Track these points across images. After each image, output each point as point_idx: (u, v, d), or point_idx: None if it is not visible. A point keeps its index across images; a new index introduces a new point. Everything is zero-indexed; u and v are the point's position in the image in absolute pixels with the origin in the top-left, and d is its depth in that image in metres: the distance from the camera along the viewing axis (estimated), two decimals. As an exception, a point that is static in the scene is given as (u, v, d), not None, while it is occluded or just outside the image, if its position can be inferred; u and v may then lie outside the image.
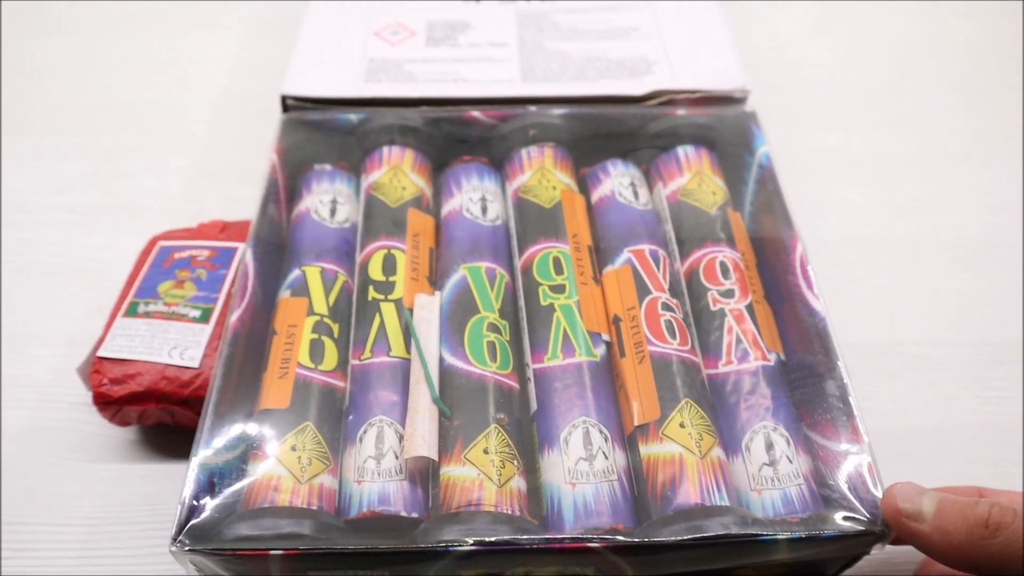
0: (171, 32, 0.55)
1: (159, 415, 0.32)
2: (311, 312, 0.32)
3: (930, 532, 0.24)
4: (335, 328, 0.32)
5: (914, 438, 0.34)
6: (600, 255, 0.34)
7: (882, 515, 0.25)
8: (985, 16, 0.55)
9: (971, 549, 0.24)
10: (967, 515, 0.24)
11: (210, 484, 0.27)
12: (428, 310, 0.32)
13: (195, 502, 0.26)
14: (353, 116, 0.38)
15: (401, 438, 0.29)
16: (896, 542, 0.26)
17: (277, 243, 0.35)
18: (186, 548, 0.25)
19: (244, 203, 0.42)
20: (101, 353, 0.32)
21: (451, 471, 0.28)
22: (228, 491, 0.27)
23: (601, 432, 0.28)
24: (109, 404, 0.31)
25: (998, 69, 0.51)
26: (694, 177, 0.36)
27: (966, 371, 0.37)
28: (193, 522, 0.25)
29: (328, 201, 0.36)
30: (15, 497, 0.32)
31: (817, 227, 0.42)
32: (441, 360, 0.30)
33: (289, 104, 0.39)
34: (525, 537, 0.25)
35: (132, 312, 0.33)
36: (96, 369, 0.32)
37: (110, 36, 0.55)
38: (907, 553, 0.30)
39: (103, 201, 0.44)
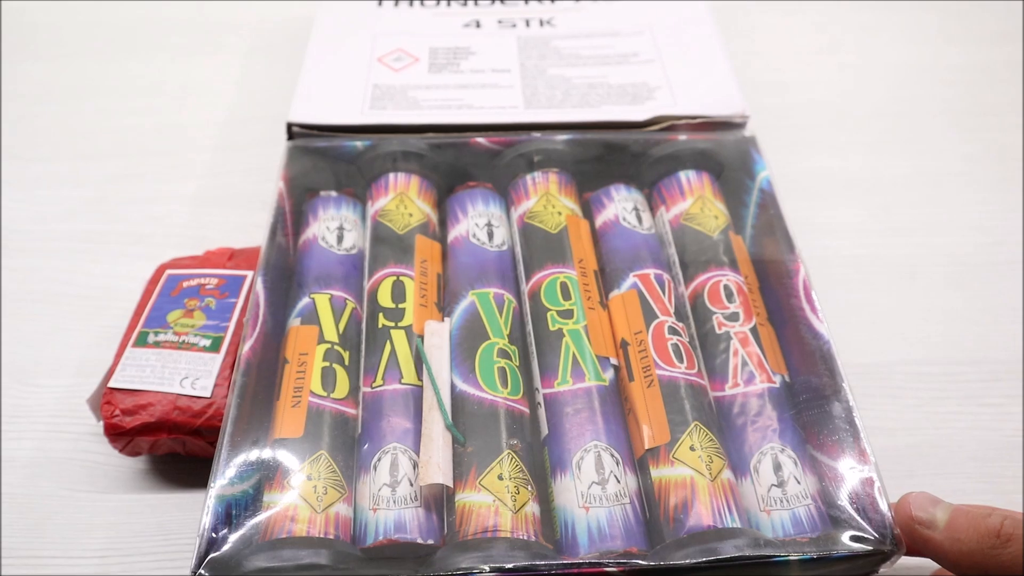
0: (175, 57, 0.56)
1: (170, 445, 0.32)
2: (322, 340, 0.32)
3: (941, 540, 0.25)
4: (346, 356, 0.32)
5: (914, 455, 0.35)
6: (605, 279, 0.35)
7: (894, 524, 0.26)
8: (978, 42, 0.56)
9: (981, 558, 0.24)
10: (979, 525, 0.24)
11: (227, 515, 0.27)
12: (439, 336, 0.32)
13: (214, 534, 0.26)
14: (358, 143, 0.39)
15: (415, 465, 0.29)
16: (908, 553, 0.26)
17: (285, 270, 0.35)
18: (206, 580, 0.25)
19: (249, 229, 0.43)
20: (112, 384, 0.32)
21: (466, 497, 0.28)
22: (246, 522, 0.27)
23: (613, 456, 0.29)
24: (121, 435, 0.31)
25: (990, 93, 0.52)
26: (696, 201, 0.37)
27: (963, 389, 0.37)
28: (213, 555, 0.25)
29: (335, 228, 0.37)
30: (25, 530, 0.32)
31: (816, 248, 0.42)
32: (453, 386, 0.31)
33: (295, 131, 0.40)
34: (543, 563, 0.25)
35: (142, 342, 0.33)
36: (107, 400, 0.32)
37: (114, 61, 0.55)
38: (916, 570, 0.30)
39: (108, 228, 0.44)
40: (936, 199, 0.46)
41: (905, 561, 0.27)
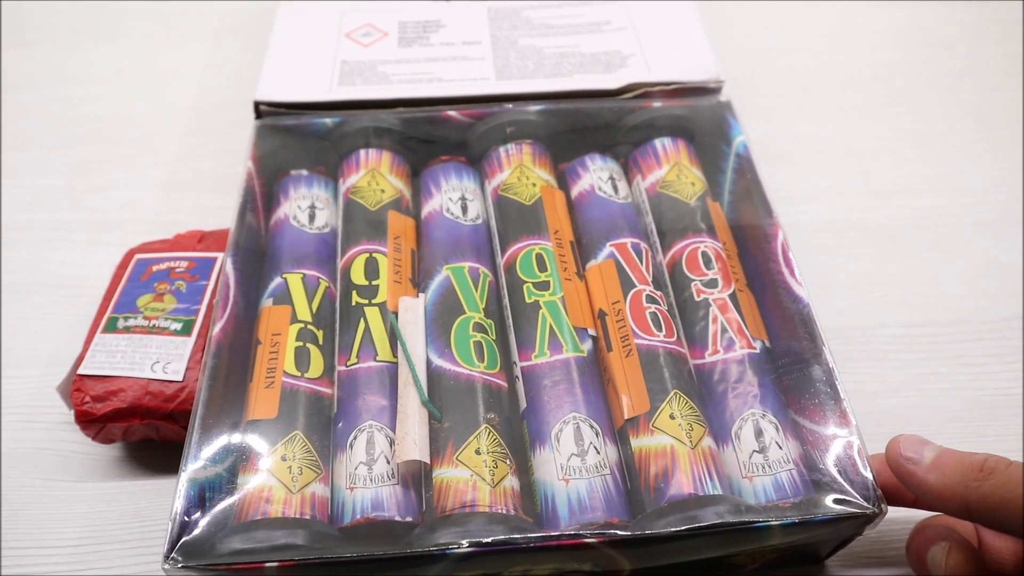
0: (139, 41, 0.55)
1: (144, 431, 0.32)
2: (295, 320, 0.32)
3: (926, 474, 0.25)
4: (320, 335, 0.32)
5: (897, 418, 0.35)
6: (582, 250, 0.34)
7: (876, 480, 0.26)
8: (954, 3, 0.56)
9: (964, 490, 0.25)
10: (964, 460, 0.25)
11: (200, 498, 0.26)
12: (413, 312, 0.31)
13: (186, 518, 0.26)
14: (328, 120, 0.38)
15: (392, 443, 0.28)
16: (892, 502, 0.27)
17: (257, 251, 0.34)
18: (179, 565, 0.24)
19: (220, 212, 0.42)
20: (82, 371, 0.31)
21: (444, 473, 0.27)
22: (219, 505, 0.26)
23: (592, 427, 0.28)
24: (92, 422, 0.31)
25: (966, 54, 0.52)
26: (672, 168, 0.36)
27: (945, 350, 0.37)
28: (185, 538, 0.25)
29: (306, 207, 0.36)
30: (2, 520, 0.32)
31: (794, 214, 0.42)
32: (428, 362, 0.30)
33: (262, 110, 0.39)
34: (521, 536, 0.25)
35: (112, 328, 0.33)
36: (77, 387, 0.31)
37: (76, 47, 0.54)
38: (899, 532, 0.30)
39: (76, 216, 0.43)
40: (915, 161, 0.45)
41: (884, 527, 0.27)
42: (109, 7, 0.57)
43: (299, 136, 0.38)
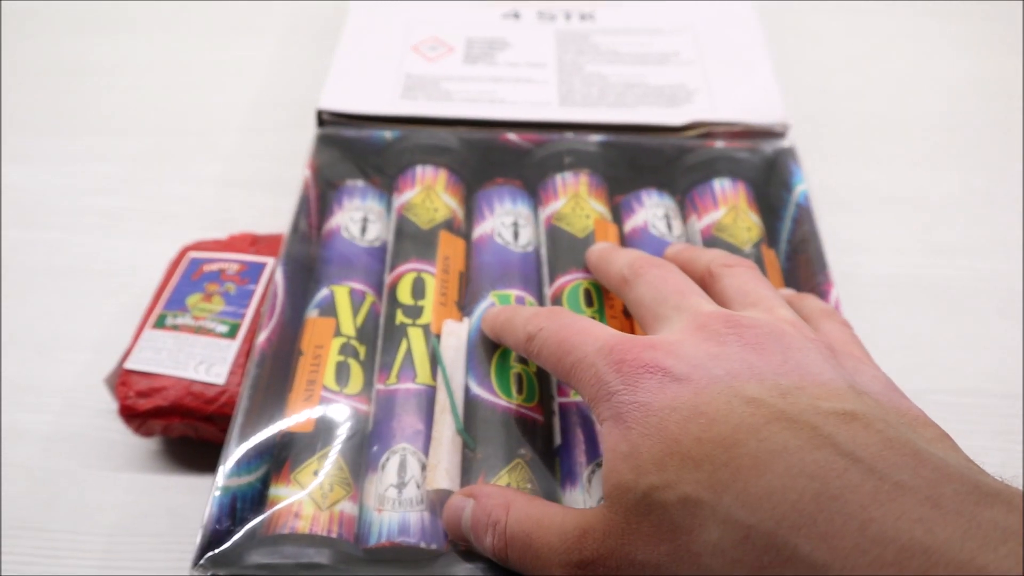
0: (206, 35, 0.56)
1: (183, 429, 0.32)
2: (338, 333, 0.32)
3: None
4: (361, 350, 0.32)
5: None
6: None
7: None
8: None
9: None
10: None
11: (232, 508, 0.27)
12: (456, 337, 0.31)
13: (217, 526, 0.26)
14: (387, 134, 0.38)
15: (424, 467, 0.28)
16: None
17: (307, 260, 0.35)
18: (208, 573, 0.25)
19: (273, 213, 0.42)
20: (128, 365, 0.32)
21: (473, 505, 0.27)
22: (249, 515, 0.27)
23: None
24: (135, 417, 0.31)
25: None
26: (729, 212, 0.36)
27: (997, 423, 0.36)
28: (214, 548, 0.25)
29: (359, 219, 0.36)
30: (39, 502, 0.33)
31: (850, 264, 0.41)
32: (467, 390, 0.30)
33: (325, 119, 0.39)
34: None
35: (160, 324, 0.33)
36: (123, 381, 0.32)
37: (148, 37, 0.55)
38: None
39: (133, 205, 0.44)
40: (981, 219, 0.44)
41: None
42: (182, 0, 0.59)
43: (358, 147, 0.38)
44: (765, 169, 0.37)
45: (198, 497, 0.32)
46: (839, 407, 0.20)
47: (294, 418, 0.29)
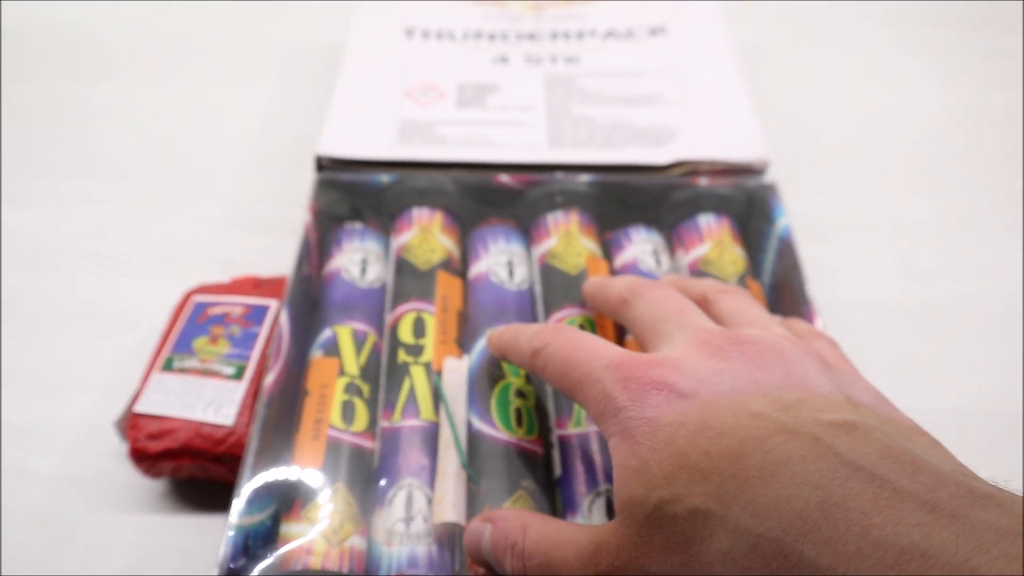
0: (207, 78, 0.57)
1: (192, 470, 0.33)
2: (342, 373, 0.33)
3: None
4: (365, 389, 0.33)
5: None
6: (623, 322, 0.35)
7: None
8: (1002, 87, 0.56)
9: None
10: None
11: (245, 546, 0.28)
12: (457, 374, 0.33)
13: (232, 564, 0.27)
14: (385, 177, 0.40)
15: (430, 501, 0.29)
16: None
17: (309, 301, 0.36)
18: (223, 611, 0.26)
19: (273, 254, 0.43)
20: (138, 409, 0.33)
21: (478, 537, 0.28)
22: (262, 552, 0.27)
23: (624, 501, 0.29)
24: (145, 459, 0.32)
25: (1016, 139, 0.52)
26: (715, 246, 0.37)
27: (975, 442, 0.37)
28: (231, 586, 0.26)
29: (359, 260, 0.37)
30: (47, 546, 0.33)
31: (832, 291, 0.42)
32: (469, 425, 0.31)
33: (323, 164, 0.40)
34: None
35: (168, 367, 0.34)
36: (133, 424, 0.32)
37: (147, 80, 0.57)
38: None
39: (135, 248, 0.45)
40: (959, 245, 0.46)
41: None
42: (179, 43, 0.60)
43: (356, 190, 0.40)
44: (747, 204, 0.39)
45: (208, 537, 0.33)
46: (839, 418, 0.21)
47: (303, 456, 0.30)
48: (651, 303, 0.28)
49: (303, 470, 0.30)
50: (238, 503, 0.28)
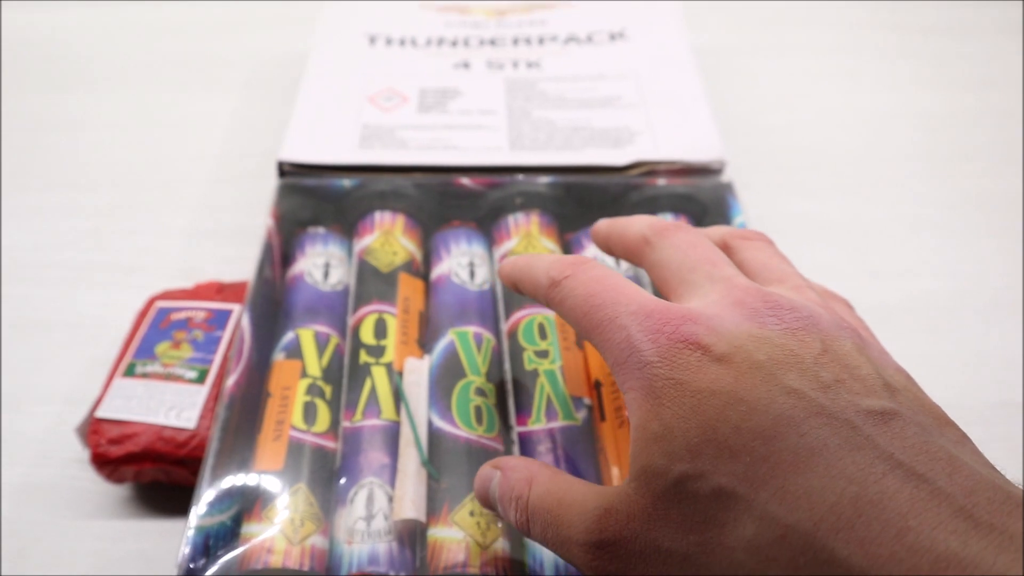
0: (167, 91, 0.57)
1: (154, 474, 0.33)
2: (304, 375, 0.33)
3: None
4: (327, 390, 0.33)
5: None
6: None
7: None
8: (948, 88, 0.58)
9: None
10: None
11: (205, 546, 0.28)
12: (417, 374, 0.33)
13: (192, 564, 0.27)
14: (347, 182, 0.40)
15: (391, 499, 0.30)
16: None
17: (272, 305, 0.36)
18: (182, 610, 0.26)
19: (239, 262, 0.44)
20: (99, 414, 0.33)
21: (438, 533, 0.29)
22: (223, 553, 0.28)
23: (583, 494, 0.30)
24: (107, 464, 0.32)
25: (967, 139, 0.54)
26: (673, 245, 0.38)
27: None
28: (189, 585, 0.26)
29: (321, 264, 0.38)
30: (10, 555, 0.33)
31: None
32: (430, 423, 0.32)
33: (285, 169, 0.41)
34: (509, 600, 0.26)
35: (130, 372, 0.34)
36: (94, 429, 0.33)
37: (110, 93, 0.57)
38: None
39: (101, 258, 0.45)
40: (912, 244, 0.47)
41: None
42: (142, 55, 0.60)
43: (318, 195, 0.40)
44: (705, 203, 0.40)
45: (171, 541, 0.33)
46: (876, 405, 0.20)
47: (264, 458, 0.30)
48: (679, 247, 0.25)
49: (264, 471, 0.30)
50: (198, 504, 0.29)
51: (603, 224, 0.30)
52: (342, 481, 0.30)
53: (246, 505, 0.29)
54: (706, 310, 0.22)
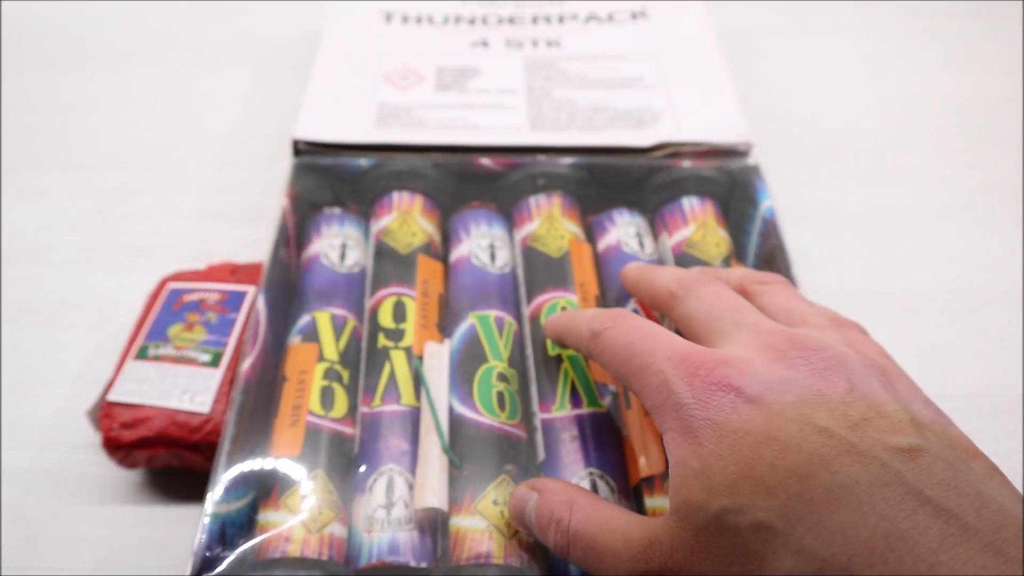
0: (181, 69, 0.56)
1: (167, 459, 0.32)
2: (321, 358, 0.32)
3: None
4: (345, 375, 0.32)
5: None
6: (607, 305, 0.35)
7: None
8: (975, 72, 0.57)
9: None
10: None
11: (221, 533, 0.27)
12: (438, 358, 0.32)
13: (208, 552, 0.26)
14: (363, 161, 0.39)
15: (411, 487, 0.29)
16: None
17: (287, 287, 0.35)
18: (199, 600, 0.25)
19: (252, 243, 0.43)
20: (111, 397, 0.32)
21: (461, 522, 0.28)
22: (239, 541, 0.27)
23: (608, 483, 0.29)
24: (119, 448, 0.31)
25: (997, 126, 0.53)
26: (699, 229, 0.37)
27: (962, 425, 0.37)
28: (206, 574, 0.25)
29: (338, 245, 0.37)
30: (17, 542, 0.32)
31: (814, 278, 0.42)
32: (451, 409, 0.31)
33: (300, 148, 0.40)
34: (535, 592, 0.25)
35: (142, 355, 0.33)
36: (106, 413, 0.32)
37: (120, 72, 0.56)
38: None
39: (111, 239, 0.44)
40: (939, 232, 0.46)
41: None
42: (154, 34, 0.59)
43: (334, 175, 0.39)
44: (731, 186, 0.39)
45: (184, 527, 0.32)
46: (904, 442, 0.20)
47: (281, 443, 0.30)
48: (705, 299, 0.27)
49: (281, 457, 0.29)
50: (214, 491, 0.28)
51: (632, 270, 0.32)
52: (362, 469, 0.29)
53: (262, 492, 0.28)
54: (737, 353, 0.24)
